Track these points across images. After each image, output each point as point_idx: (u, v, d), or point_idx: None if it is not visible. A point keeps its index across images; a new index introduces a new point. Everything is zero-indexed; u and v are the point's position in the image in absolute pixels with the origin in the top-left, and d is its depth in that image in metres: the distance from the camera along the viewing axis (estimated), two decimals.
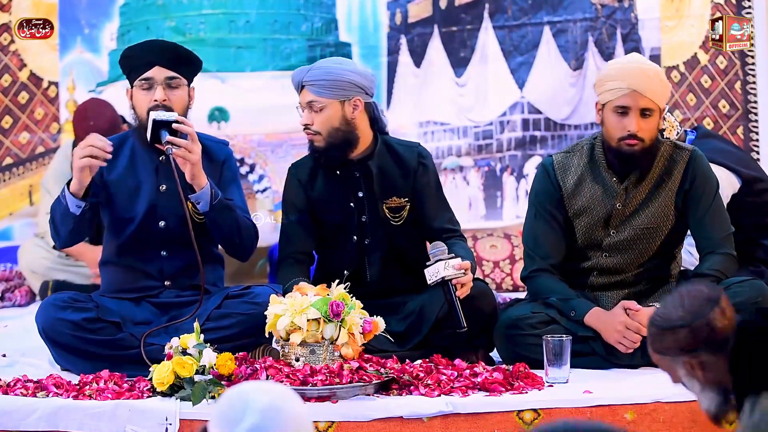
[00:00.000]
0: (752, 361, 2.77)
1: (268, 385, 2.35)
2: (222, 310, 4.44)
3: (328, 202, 4.65)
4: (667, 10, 6.76)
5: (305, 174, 4.69)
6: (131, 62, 4.53)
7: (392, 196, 4.65)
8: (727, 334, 2.79)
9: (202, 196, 4.40)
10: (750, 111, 6.68)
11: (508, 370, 4.11)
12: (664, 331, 2.81)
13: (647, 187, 4.47)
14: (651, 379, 4.13)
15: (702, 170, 4.49)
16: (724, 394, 2.82)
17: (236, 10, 6.97)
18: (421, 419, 3.83)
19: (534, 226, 4.56)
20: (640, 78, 4.35)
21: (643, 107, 4.37)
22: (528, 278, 4.55)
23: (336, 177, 4.64)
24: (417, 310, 4.52)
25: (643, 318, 4.26)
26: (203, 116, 6.79)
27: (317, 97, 4.52)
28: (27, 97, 6.89)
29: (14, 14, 6.81)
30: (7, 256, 6.59)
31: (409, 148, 4.73)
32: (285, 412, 2.29)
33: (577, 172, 4.52)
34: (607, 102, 4.41)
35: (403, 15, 6.96)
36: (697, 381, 2.83)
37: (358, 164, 4.63)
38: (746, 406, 2.72)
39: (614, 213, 4.47)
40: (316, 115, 4.54)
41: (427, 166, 4.70)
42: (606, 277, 4.51)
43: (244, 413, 2.26)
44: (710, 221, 4.46)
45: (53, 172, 6.36)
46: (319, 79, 4.53)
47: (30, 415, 3.85)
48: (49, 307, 4.43)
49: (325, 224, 4.66)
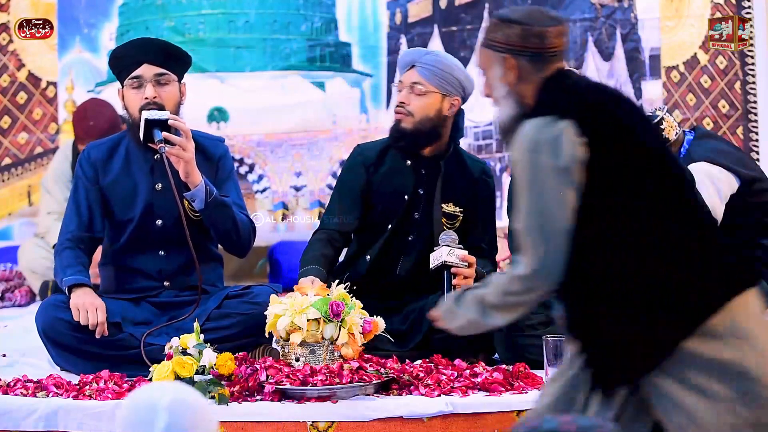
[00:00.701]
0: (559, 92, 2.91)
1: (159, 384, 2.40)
2: (222, 310, 4.44)
3: (385, 189, 4.64)
4: (667, 10, 6.76)
5: (372, 156, 4.69)
6: (120, 62, 4.52)
7: (450, 201, 4.64)
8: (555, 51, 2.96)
9: (197, 194, 4.39)
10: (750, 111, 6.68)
11: (508, 370, 4.10)
12: (501, 22, 2.98)
13: None
14: None
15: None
16: (520, 110, 2.94)
17: (235, 10, 6.98)
18: (421, 419, 3.83)
19: None
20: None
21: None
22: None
23: (403, 167, 4.63)
24: (418, 310, 4.52)
25: None
26: (203, 116, 6.80)
27: (424, 80, 4.54)
28: (25, 97, 6.89)
29: (13, 14, 6.81)
30: (7, 256, 6.59)
31: (476, 162, 4.76)
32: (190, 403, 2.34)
33: None
34: None
35: (403, 15, 6.96)
36: (506, 85, 2.98)
37: (427, 160, 4.63)
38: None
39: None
40: (415, 97, 4.55)
41: (489, 184, 4.71)
42: None
43: (154, 416, 2.29)
44: None
45: (53, 172, 6.36)
46: (433, 65, 4.55)
47: (30, 415, 3.84)
48: (49, 307, 4.43)
49: (373, 210, 4.65)
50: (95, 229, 4.57)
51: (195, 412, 2.33)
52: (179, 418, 2.29)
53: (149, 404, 2.31)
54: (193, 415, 2.32)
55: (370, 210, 4.65)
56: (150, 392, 2.35)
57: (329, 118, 6.78)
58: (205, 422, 2.34)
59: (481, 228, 4.69)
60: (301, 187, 6.97)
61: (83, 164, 4.58)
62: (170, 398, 2.32)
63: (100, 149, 4.61)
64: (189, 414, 2.31)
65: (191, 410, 2.32)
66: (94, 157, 4.57)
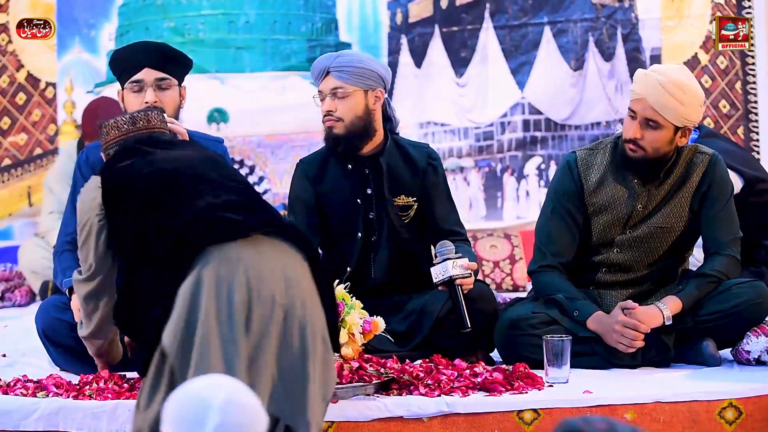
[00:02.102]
0: None
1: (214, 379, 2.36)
2: None
3: (335, 198, 4.64)
4: (668, 10, 6.76)
5: (314, 169, 4.69)
6: (120, 64, 4.51)
7: (401, 194, 4.64)
8: None
9: None
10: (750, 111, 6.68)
11: (508, 370, 4.10)
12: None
13: (667, 189, 4.45)
14: (651, 379, 4.13)
15: (720, 174, 4.47)
16: None
17: (236, 10, 6.98)
18: (421, 419, 3.82)
19: (550, 221, 4.54)
20: (654, 89, 4.30)
21: (648, 117, 4.35)
22: (535, 272, 4.53)
23: (346, 172, 4.63)
24: (418, 310, 4.51)
25: (640, 315, 4.26)
26: (203, 117, 6.79)
27: (343, 83, 4.52)
28: (25, 98, 6.88)
29: (12, 14, 6.81)
30: (7, 256, 6.60)
31: (418, 149, 4.72)
32: (243, 404, 2.31)
33: (600, 169, 4.50)
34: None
35: (403, 15, 6.96)
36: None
37: (368, 160, 4.63)
38: None
39: (634, 213, 4.46)
40: (339, 101, 4.53)
41: (436, 167, 4.70)
42: (614, 274, 4.50)
43: (205, 414, 2.26)
44: (720, 223, 4.44)
45: (56, 172, 6.37)
46: (347, 65, 4.53)
47: (30, 415, 3.84)
48: (49, 308, 4.42)
49: (330, 220, 4.66)
50: None
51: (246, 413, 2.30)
52: (231, 418, 2.27)
53: (202, 401, 2.29)
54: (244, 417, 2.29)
55: (328, 220, 4.65)
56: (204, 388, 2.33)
57: None
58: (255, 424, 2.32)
59: (443, 212, 4.68)
60: None
61: (82, 167, 4.57)
62: (224, 397, 2.29)
63: (98, 151, 4.60)
64: (240, 415, 2.29)
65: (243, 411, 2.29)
66: (93, 160, 4.56)
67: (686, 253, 4.57)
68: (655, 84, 4.30)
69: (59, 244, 4.55)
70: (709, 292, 4.35)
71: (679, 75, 4.36)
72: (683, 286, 4.37)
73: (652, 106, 4.32)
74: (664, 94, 4.29)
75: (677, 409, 3.88)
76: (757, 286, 4.39)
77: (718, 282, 4.35)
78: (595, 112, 6.94)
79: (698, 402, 3.90)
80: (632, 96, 4.37)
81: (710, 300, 4.35)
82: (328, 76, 4.55)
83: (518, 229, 6.75)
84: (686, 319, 4.33)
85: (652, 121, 4.34)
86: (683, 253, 4.55)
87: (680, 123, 4.34)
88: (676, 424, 3.87)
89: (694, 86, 4.35)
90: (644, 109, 4.34)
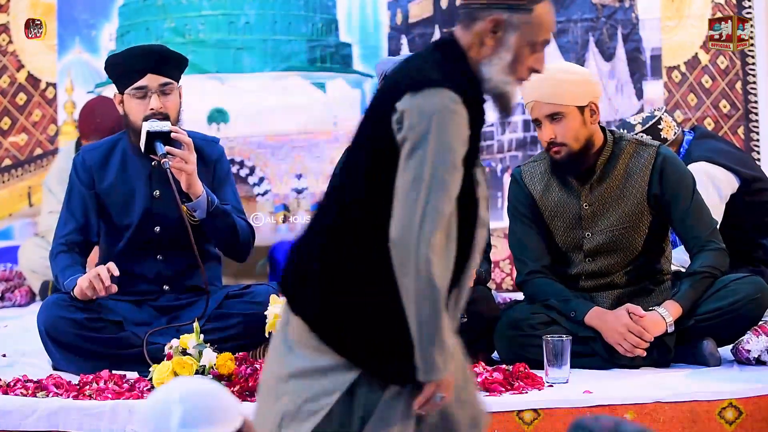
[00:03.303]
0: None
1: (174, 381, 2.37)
2: (222, 311, 4.44)
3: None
4: (668, 10, 6.75)
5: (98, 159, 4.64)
6: (120, 69, 4.49)
7: None
8: None
9: (198, 205, 4.40)
10: (750, 111, 6.67)
11: (508, 370, 4.10)
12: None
13: (613, 186, 4.42)
14: (651, 379, 4.13)
15: (672, 169, 4.42)
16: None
17: (236, 10, 6.97)
18: None
19: (516, 231, 4.56)
20: (537, 85, 4.12)
21: (548, 113, 4.34)
22: (524, 282, 4.53)
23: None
24: None
25: (646, 324, 4.25)
26: (203, 117, 6.79)
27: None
28: (25, 98, 6.88)
29: (12, 14, 6.80)
30: (7, 256, 6.59)
31: None
32: (204, 391, 2.31)
33: (543, 178, 4.51)
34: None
35: (403, 15, 6.95)
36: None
37: None
38: None
39: (583, 213, 4.45)
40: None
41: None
42: (594, 280, 4.49)
43: (167, 410, 2.27)
44: (693, 220, 4.41)
45: (56, 172, 6.36)
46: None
47: (30, 415, 3.84)
48: (51, 305, 4.42)
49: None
50: (90, 233, 4.56)
51: (209, 398, 2.30)
52: (194, 406, 2.27)
53: (162, 400, 2.30)
54: (208, 402, 2.29)
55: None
56: (162, 390, 2.34)
57: (330, 120, 6.77)
58: (224, 408, 2.31)
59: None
60: (303, 190, 6.95)
61: (78, 169, 4.56)
62: (181, 390, 2.30)
63: (95, 153, 4.59)
64: (203, 402, 2.29)
65: (205, 398, 2.30)
66: (90, 162, 4.56)
67: (662, 245, 4.52)
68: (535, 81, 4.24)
69: (54, 246, 4.54)
70: (706, 289, 4.34)
71: (555, 63, 4.44)
72: (677, 288, 4.36)
73: (545, 102, 4.32)
74: (547, 83, 4.24)
75: (677, 409, 3.88)
76: (756, 282, 4.39)
77: (712, 276, 4.34)
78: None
79: (698, 402, 3.90)
80: (527, 108, 4.38)
81: (708, 297, 4.34)
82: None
83: None
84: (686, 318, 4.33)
85: (554, 114, 4.33)
86: (658, 246, 4.50)
87: (578, 102, 4.33)
88: (676, 424, 3.87)
89: (571, 65, 4.46)
90: (540, 110, 4.34)
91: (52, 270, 4.54)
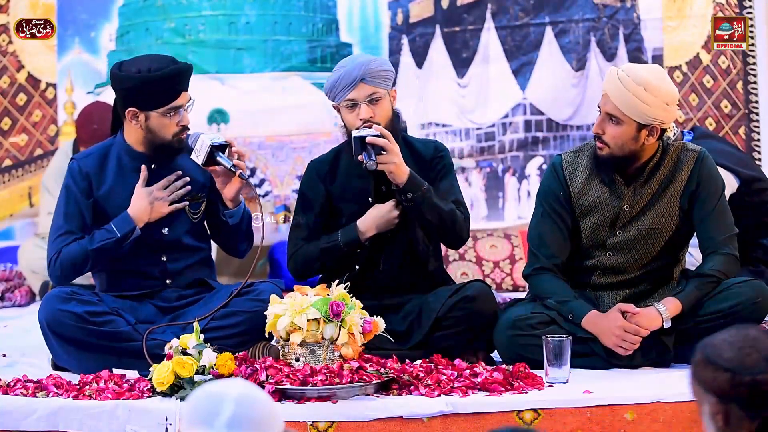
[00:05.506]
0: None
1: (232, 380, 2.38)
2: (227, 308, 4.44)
3: (347, 196, 4.63)
4: (669, 10, 6.75)
5: (325, 168, 4.68)
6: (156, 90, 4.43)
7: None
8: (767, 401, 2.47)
9: (236, 212, 4.54)
10: (752, 111, 6.68)
11: (508, 370, 4.10)
12: (707, 364, 2.50)
13: (653, 189, 4.45)
14: (651, 379, 4.13)
15: (708, 171, 4.47)
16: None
17: (236, 11, 6.97)
18: (421, 419, 3.82)
19: (540, 224, 4.55)
20: (615, 85, 4.31)
21: (608, 112, 4.36)
22: (530, 276, 4.54)
23: (359, 172, 4.57)
24: (417, 310, 4.51)
25: (641, 320, 4.26)
26: (203, 118, 6.79)
27: (377, 88, 4.50)
28: (25, 98, 6.88)
29: (12, 15, 6.80)
30: (7, 256, 6.60)
31: (426, 143, 4.74)
32: (258, 399, 2.32)
33: (585, 171, 4.50)
34: None
35: (404, 15, 6.95)
36: (715, 427, 2.53)
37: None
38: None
39: (621, 214, 4.45)
40: (375, 107, 4.50)
41: (443, 157, 4.68)
42: (609, 276, 4.50)
43: (220, 406, 2.28)
44: (713, 222, 4.44)
45: (54, 172, 6.36)
46: (380, 69, 4.52)
47: (30, 415, 3.84)
48: (52, 299, 4.41)
49: (340, 218, 4.65)
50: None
51: (262, 408, 2.31)
52: (246, 410, 2.28)
53: (217, 394, 2.31)
54: (260, 412, 2.31)
55: (338, 219, 4.65)
56: (219, 385, 2.34)
57: (330, 120, 6.77)
58: (271, 421, 2.33)
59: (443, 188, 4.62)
60: None
61: (75, 177, 4.54)
62: (239, 391, 2.31)
63: (89, 160, 4.58)
64: (256, 409, 2.30)
65: (258, 406, 2.31)
66: (87, 169, 4.54)
67: (680, 253, 4.55)
68: (616, 80, 4.32)
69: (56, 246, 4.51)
70: (709, 292, 4.35)
71: (645, 73, 4.35)
72: (682, 287, 4.37)
73: (612, 102, 4.33)
74: (624, 91, 4.30)
75: (677, 409, 3.88)
76: (757, 285, 4.39)
77: (718, 281, 4.35)
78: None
79: None
80: (602, 92, 4.40)
81: (709, 300, 4.35)
82: (361, 83, 4.50)
83: (519, 230, 6.74)
84: (686, 319, 4.32)
85: (613, 117, 4.35)
86: (677, 253, 4.54)
87: (643, 120, 4.32)
88: (676, 424, 3.87)
89: (658, 86, 4.32)
90: (605, 104, 4.36)
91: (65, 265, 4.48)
